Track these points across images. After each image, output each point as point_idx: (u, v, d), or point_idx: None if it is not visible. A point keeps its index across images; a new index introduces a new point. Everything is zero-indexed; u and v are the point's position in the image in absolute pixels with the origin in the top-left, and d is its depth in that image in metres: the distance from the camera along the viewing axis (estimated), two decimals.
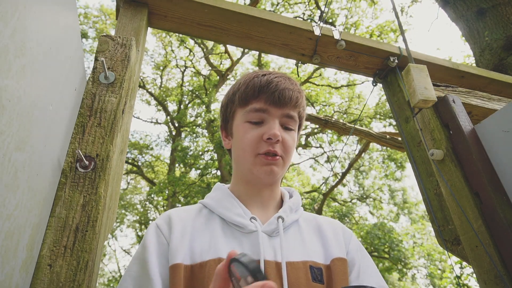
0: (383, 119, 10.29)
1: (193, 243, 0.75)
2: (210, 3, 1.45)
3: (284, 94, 0.80)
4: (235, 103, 0.87)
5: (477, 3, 3.32)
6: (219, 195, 0.87)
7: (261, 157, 0.80)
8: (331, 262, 0.77)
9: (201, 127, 11.85)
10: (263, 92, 0.81)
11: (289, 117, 0.83)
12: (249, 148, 0.81)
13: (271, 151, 0.79)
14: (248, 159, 0.81)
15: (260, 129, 0.80)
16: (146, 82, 12.34)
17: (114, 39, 1.05)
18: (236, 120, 0.87)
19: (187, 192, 10.40)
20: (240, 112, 0.85)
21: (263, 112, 0.81)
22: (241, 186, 0.87)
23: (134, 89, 1.16)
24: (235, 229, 0.78)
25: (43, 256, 0.70)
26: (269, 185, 0.86)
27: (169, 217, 0.81)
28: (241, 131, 0.83)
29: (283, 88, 0.81)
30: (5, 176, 0.53)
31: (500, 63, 3.03)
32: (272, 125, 0.80)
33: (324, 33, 1.60)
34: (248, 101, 0.83)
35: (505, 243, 1.09)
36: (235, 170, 0.90)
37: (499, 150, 1.22)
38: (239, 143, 0.84)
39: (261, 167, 0.80)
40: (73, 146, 0.84)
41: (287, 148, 0.82)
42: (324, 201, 10.43)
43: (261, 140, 0.80)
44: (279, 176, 0.84)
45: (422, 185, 1.49)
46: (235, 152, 0.88)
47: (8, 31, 0.53)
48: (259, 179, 0.82)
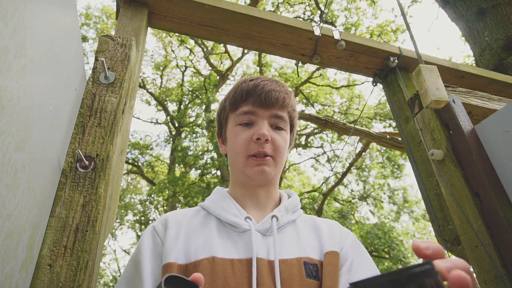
0: (383, 120, 10.29)
1: (188, 243, 0.76)
2: (210, 3, 1.45)
3: (271, 95, 0.84)
4: (227, 109, 0.91)
5: (477, 3, 3.32)
6: (217, 197, 0.89)
7: (252, 159, 0.83)
8: (324, 256, 0.77)
9: (201, 127, 11.85)
10: (250, 95, 0.85)
11: (278, 117, 0.86)
12: (240, 151, 0.84)
13: (261, 152, 0.82)
14: (241, 161, 0.85)
15: (250, 131, 0.84)
16: (146, 82, 12.34)
17: (114, 39, 1.05)
18: (228, 125, 0.91)
19: (187, 192, 10.40)
20: (232, 117, 0.89)
21: (251, 114, 0.85)
22: (237, 188, 0.90)
23: (134, 89, 1.16)
24: (230, 229, 0.79)
25: (43, 256, 0.70)
26: (264, 186, 0.88)
27: (165, 219, 0.83)
28: (233, 135, 0.87)
29: (269, 90, 0.85)
30: (5, 176, 0.53)
31: (500, 63, 3.03)
32: (261, 125, 0.83)
33: (324, 33, 1.60)
34: (237, 105, 0.87)
35: (505, 243, 1.08)
36: (231, 173, 0.93)
37: (499, 150, 1.22)
38: (232, 146, 0.88)
39: (252, 168, 0.83)
40: (73, 146, 0.84)
41: (277, 148, 0.84)
42: (324, 201, 10.43)
43: (251, 142, 0.83)
44: (272, 176, 0.86)
45: (422, 185, 1.49)
46: (229, 156, 0.91)
47: (8, 31, 0.53)
48: (253, 180, 0.85)
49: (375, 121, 10.58)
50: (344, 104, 11.48)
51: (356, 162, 10.44)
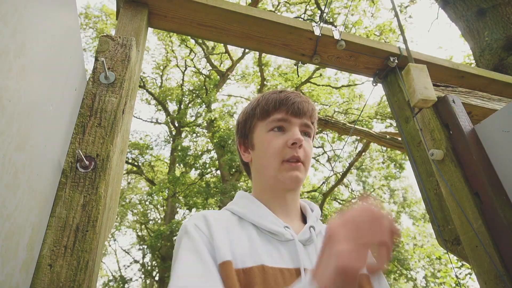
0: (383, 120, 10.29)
1: (233, 246, 0.75)
2: (210, 3, 1.45)
3: (303, 106, 0.91)
4: (256, 117, 0.95)
5: (477, 3, 3.32)
6: (247, 203, 0.89)
7: (286, 164, 0.86)
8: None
9: (201, 127, 11.85)
10: (283, 104, 0.91)
11: (307, 126, 0.92)
12: (275, 155, 0.87)
13: (295, 156, 0.86)
14: (274, 166, 0.87)
15: (283, 136, 0.88)
16: (146, 82, 12.34)
17: (114, 39, 1.05)
18: (256, 133, 0.94)
19: (187, 192, 10.40)
20: (261, 124, 0.93)
21: (284, 122, 0.89)
22: (265, 194, 0.91)
23: (134, 89, 1.16)
24: (270, 237, 0.80)
25: (44, 256, 0.70)
26: (292, 190, 0.90)
27: (203, 216, 0.80)
28: (265, 141, 0.90)
29: (301, 101, 0.91)
30: (5, 176, 0.53)
31: (500, 63, 3.03)
32: (295, 131, 0.88)
33: (324, 33, 1.60)
34: (269, 113, 0.91)
35: (505, 243, 1.09)
36: (258, 180, 0.94)
37: (499, 150, 1.22)
38: (263, 152, 0.90)
39: (286, 173, 0.85)
40: (73, 146, 0.84)
41: (307, 154, 0.89)
42: (324, 201, 10.42)
43: (285, 147, 0.86)
44: (302, 181, 0.89)
45: (422, 185, 1.49)
46: (258, 161, 0.93)
47: (8, 31, 0.53)
48: (284, 184, 0.87)
49: (376, 121, 10.58)
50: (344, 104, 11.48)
51: (356, 162, 10.44)
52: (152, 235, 11.06)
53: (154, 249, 10.91)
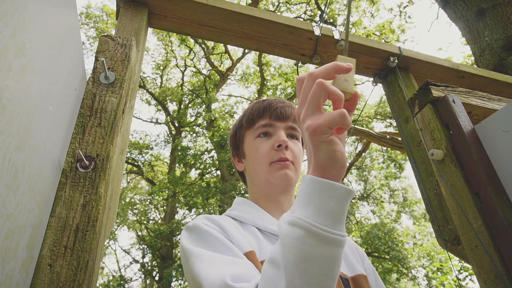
0: (383, 120, 10.29)
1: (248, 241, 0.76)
2: (210, 3, 1.45)
3: (285, 110, 0.94)
4: (243, 127, 0.99)
5: (477, 3, 3.31)
6: (247, 208, 0.91)
7: (275, 164, 0.88)
8: (357, 276, 0.82)
9: (201, 127, 11.85)
10: (266, 111, 0.94)
11: (293, 128, 0.95)
12: (263, 159, 0.90)
13: (282, 158, 0.88)
14: (264, 169, 0.90)
15: (269, 141, 0.91)
16: (146, 82, 12.34)
17: (114, 39, 1.05)
18: (246, 142, 0.98)
19: (187, 192, 10.40)
20: (249, 133, 0.97)
21: (269, 127, 0.93)
22: (261, 199, 0.93)
23: (134, 89, 1.16)
24: (273, 238, 0.82)
25: (44, 256, 0.70)
26: (285, 193, 0.92)
27: (207, 218, 0.80)
28: (253, 147, 0.94)
29: (283, 106, 0.95)
30: (5, 176, 0.53)
31: (500, 63, 3.03)
32: (280, 134, 0.91)
33: (324, 33, 1.60)
34: (254, 121, 0.95)
35: (505, 243, 1.09)
36: (252, 186, 0.97)
37: (499, 150, 1.22)
38: (253, 158, 0.93)
39: (276, 172, 0.88)
40: (73, 146, 0.84)
41: (295, 155, 0.91)
42: None
43: (272, 149, 0.90)
44: (293, 181, 0.91)
45: (422, 185, 1.49)
46: (250, 168, 0.96)
47: (8, 31, 0.53)
48: (276, 186, 0.89)
49: (376, 121, 10.58)
50: None
51: (356, 162, 10.43)
52: (152, 235, 11.06)
53: (154, 249, 10.93)
